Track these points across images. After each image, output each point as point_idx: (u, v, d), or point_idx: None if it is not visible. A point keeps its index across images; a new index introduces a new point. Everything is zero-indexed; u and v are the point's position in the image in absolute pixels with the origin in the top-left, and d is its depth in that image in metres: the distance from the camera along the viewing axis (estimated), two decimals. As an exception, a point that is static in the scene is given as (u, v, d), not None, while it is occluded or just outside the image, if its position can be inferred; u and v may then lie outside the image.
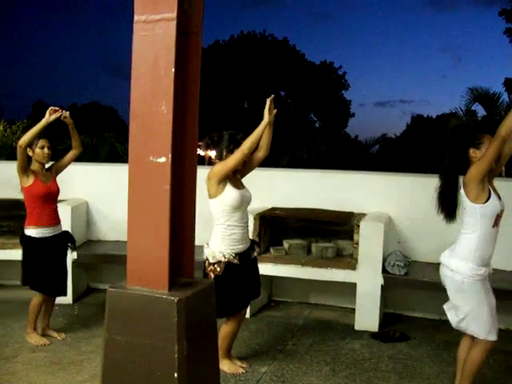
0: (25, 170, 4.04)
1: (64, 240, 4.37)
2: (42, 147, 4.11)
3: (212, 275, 3.53)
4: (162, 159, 2.05)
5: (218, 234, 3.57)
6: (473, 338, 3.22)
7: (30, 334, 4.30)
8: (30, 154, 4.08)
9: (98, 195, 5.59)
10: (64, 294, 4.44)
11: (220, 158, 3.62)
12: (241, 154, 3.41)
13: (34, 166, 4.15)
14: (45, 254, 4.17)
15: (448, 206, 3.20)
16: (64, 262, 4.39)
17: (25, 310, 4.92)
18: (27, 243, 4.17)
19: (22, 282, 4.23)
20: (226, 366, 3.77)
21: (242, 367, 3.85)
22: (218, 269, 3.53)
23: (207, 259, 3.58)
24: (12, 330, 4.52)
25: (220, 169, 3.47)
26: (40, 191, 4.11)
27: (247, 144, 3.40)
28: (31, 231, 4.14)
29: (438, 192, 3.23)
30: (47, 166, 4.31)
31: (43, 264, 4.17)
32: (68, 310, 5.04)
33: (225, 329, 3.72)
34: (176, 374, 2.03)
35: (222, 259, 3.54)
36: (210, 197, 3.54)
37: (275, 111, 3.49)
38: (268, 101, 3.42)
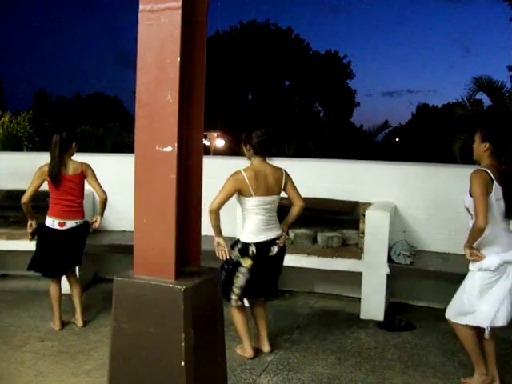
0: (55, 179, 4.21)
1: None
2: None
3: None
4: (168, 148, 2.05)
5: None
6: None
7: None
8: (75, 147, 4.34)
9: (104, 185, 5.57)
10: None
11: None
12: (212, 209, 3.59)
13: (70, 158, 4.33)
14: None
15: None
16: None
17: (33, 300, 4.97)
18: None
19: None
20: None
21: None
22: None
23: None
24: (20, 320, 4.56)
25: None
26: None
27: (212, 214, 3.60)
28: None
29: None
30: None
31: None
32: (75, 300, 5.07)
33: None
34: (183, 363, 2.04)
35: None
36: (279, 193, 3.79)
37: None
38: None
